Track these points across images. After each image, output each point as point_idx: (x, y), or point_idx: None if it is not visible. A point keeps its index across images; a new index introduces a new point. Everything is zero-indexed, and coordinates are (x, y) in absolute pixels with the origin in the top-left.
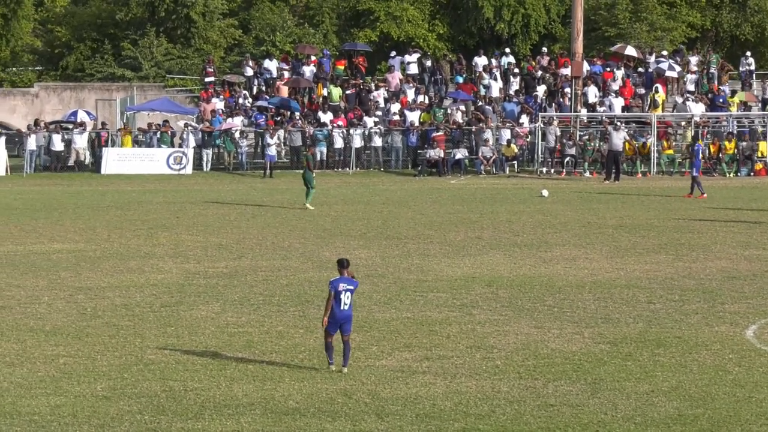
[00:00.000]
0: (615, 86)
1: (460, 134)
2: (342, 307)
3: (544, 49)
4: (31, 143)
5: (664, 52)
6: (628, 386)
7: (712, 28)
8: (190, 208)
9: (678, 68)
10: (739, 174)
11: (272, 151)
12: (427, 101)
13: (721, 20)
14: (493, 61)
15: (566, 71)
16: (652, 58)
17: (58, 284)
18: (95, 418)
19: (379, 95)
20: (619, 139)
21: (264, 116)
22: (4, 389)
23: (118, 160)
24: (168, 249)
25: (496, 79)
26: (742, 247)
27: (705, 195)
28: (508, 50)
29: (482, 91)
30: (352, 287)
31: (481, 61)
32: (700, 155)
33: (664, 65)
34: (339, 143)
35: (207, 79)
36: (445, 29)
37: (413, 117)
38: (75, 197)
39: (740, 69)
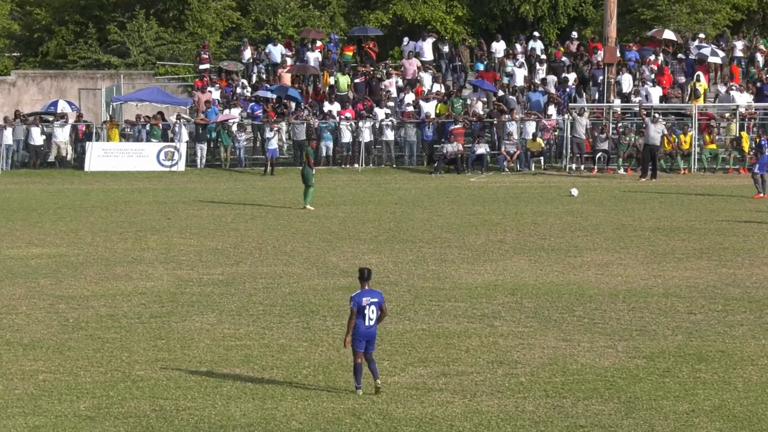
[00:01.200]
0: (652, 74)
1: (480, 127)
2: (367, 323)
3: (574, 34)
4: (8, 137)
5: (702, 35)
6: (666, 405)
7: (759, 10)
8: (183, 209)
9: (722, 54)
10: None
11: (273, 145)
12: (444, 91)
13: None
14: (518, 46)
15: (598, 57)
16: (694, 44)
17: (37, 292)
18: None
19: (392, 84)
20: (656, 132)
21: (261, 107)
22: None
23: (104, 156)
24: (158, 254)
25: (521, 67)
26: None
27: (762, 195)
28: (537, 34)
29: (505, 80)
30: (376, 300)
31: (500, 46)
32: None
33: (706, 51)
34: (347, 137)
35: (201, 67)
36: (465, 11)
37: (429, 108)
38: (56, 197)
39: None
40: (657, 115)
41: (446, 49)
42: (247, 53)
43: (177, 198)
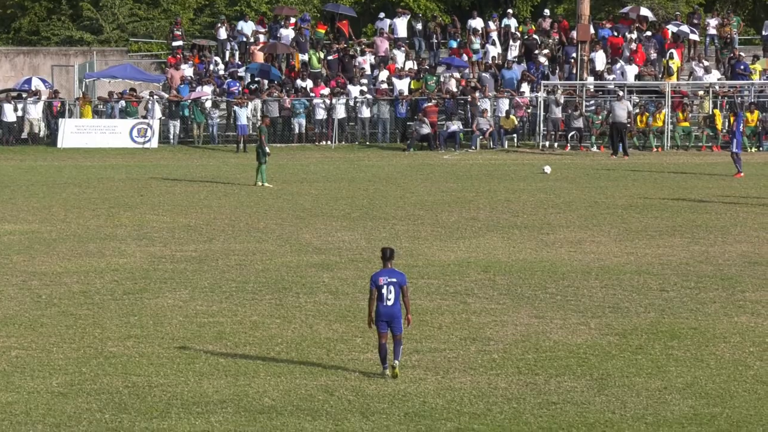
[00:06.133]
0: (627, 52)
1: (453, 105)
2: (386, 303)
3: (547, 11)
4: None
5: (678, 13)
6: (638, 382)
7: None
8: (156, 186)
9: (697, 32)
10: (761, 149)
11: (242, 121)
12: (416, 68)
13: None
14: (491, 24)
15: (571, 35)
16: (670, 26)
17: (10, 269)
18: (51, 417)
19: (365, 61)
20: (621, 110)
21: (237, 84)
22: None
23: (77, 133)
24: (131, 230)
25: (494, 44)
26: (765, 230)
27: (742, 174)
28: (510, 11)
29: (474, 57)
30: (394, 279)
31: (476, 23)
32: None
33: (685, 28)
34: (320, 114)
35: (174, 44)
36: None
37: (402, 85)
38: (29, 173)
39: (763, 33)
40: (621, 93)
41: (419, 26)
42: (223, 31)
43: (150, 175)
